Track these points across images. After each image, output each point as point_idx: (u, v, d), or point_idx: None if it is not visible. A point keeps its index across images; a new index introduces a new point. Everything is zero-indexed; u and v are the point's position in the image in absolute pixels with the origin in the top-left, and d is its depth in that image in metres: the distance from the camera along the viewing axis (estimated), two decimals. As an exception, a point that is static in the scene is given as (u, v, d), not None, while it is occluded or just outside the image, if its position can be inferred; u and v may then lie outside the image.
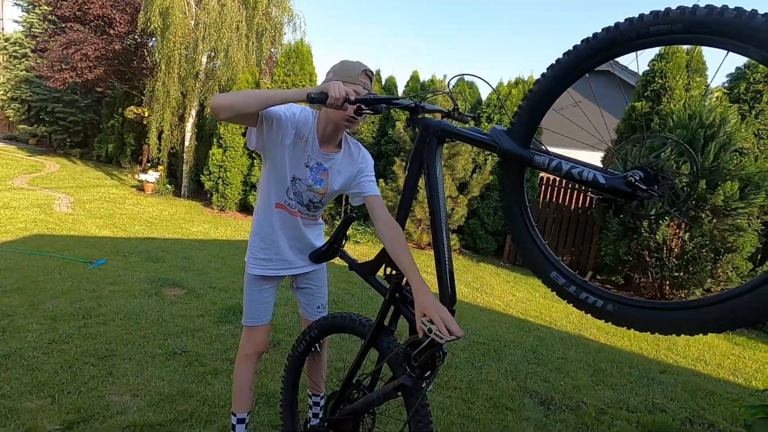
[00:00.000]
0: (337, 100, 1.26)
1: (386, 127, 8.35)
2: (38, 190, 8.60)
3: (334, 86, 1.27)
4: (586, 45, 0.94)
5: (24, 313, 2.98)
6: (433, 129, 1.31)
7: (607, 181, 0.97)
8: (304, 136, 1.48)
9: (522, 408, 2.53)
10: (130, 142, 12.91)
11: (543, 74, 1.02)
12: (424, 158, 1.33)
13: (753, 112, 5.92)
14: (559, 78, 1.00)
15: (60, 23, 11.90)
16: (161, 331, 2.93)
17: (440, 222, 1.25)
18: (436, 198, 1.28)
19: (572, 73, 0.98)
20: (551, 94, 1.03)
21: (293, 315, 3.54)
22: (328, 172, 1.54)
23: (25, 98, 14.77)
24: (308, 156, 1.50)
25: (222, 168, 8.82)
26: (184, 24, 9.14)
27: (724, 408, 2.86)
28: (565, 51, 0.98)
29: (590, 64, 0.95)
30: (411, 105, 1.35)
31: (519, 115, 1.10)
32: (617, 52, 0.91)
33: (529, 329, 4.10)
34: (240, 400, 1.72)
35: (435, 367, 1.20)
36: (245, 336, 1.71)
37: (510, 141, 1.11)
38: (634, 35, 0.86)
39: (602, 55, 0.93)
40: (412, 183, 1.39)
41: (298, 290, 1.79)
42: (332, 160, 1.54)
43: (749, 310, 0.79)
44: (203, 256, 5.33)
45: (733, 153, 5.27)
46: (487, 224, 7.57)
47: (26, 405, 1.99)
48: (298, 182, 1.53)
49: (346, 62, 1.51)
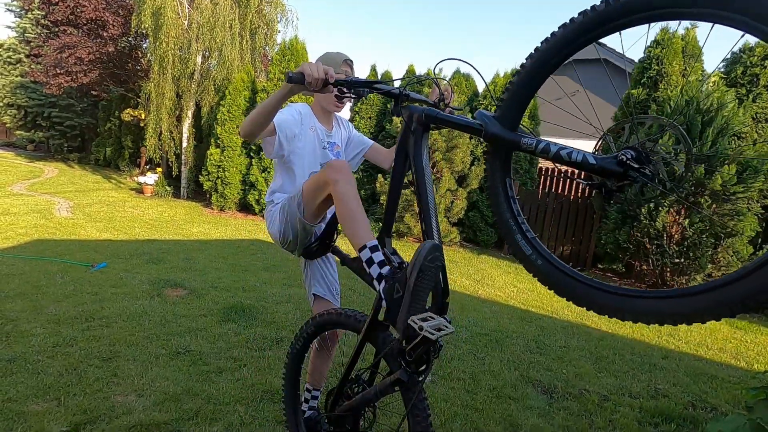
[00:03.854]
0: (315, 80, 1.25)
1: (383, 122, 8.34)
2: (38, 196, 8.60)
3: (312, 66, 1.25)
4: (576, 23, 0.92)
5: (27, 317, 3.00)
6: (417, 116, 1.28)
7: (597, 162, 0.95)
8: (313, 127, 1.71)
9: (525, 397, 2.55)
10: (128, 144, 12.89)
11: (530, 55, 1.00)
12: (409, 148, 1.30)
13: (750, 96, 5.90)
14: (547, 58, 0.98)
15: (53, 27, 11.85)
16: (164, 332, 2.95)
17: (429, 214, 1.24)
18: (423, 190, 1.26)
19: (560, 53, 0.96)
20: (538, 75, 1.01)
21: (296, 312, 3.56)
22: (337, 144, 1.83)
23: (21, 104, 14.72)
24: (321, 140, 1.73)
25: (220, 168, 8.82)
26: (177, 24, 9.10)
27: (726, 391, 2.88)
28: (552, 31, 0.96)
29: (580, 42, 0.93)
30: (395, 92, 1.31)
31: (505, 99, 1.09)
32: (609, 29, 0.89)
33: (531, 319, 4.12)
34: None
35: (429, 361, 1.20)
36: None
37: (496, 124, 1.10)
38: (628, 11, 0.85)
39: (592, 33, 0.91)
40: (399, 174, 1.38)
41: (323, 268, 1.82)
42: (335, 134, 1.82)
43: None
44: (204, 256, 5.34)
45: (731, 137, 5.25)
46: (487, 216, 7.57)
47: (32, 408, 2.01)
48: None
49: (328, 53, 1.70)
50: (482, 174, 7.32)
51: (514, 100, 1.07)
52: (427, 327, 1.09)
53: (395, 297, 1.17)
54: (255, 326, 3.19)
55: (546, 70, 1.00)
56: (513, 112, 1.08)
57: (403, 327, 1.14)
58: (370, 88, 1.31)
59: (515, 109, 1.08)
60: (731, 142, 5.27)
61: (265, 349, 2.85)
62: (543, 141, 1.03)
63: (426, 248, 1.13)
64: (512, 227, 1.12)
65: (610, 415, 2.45)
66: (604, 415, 2.44)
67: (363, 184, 8.50)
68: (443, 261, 1.18)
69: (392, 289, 1.18)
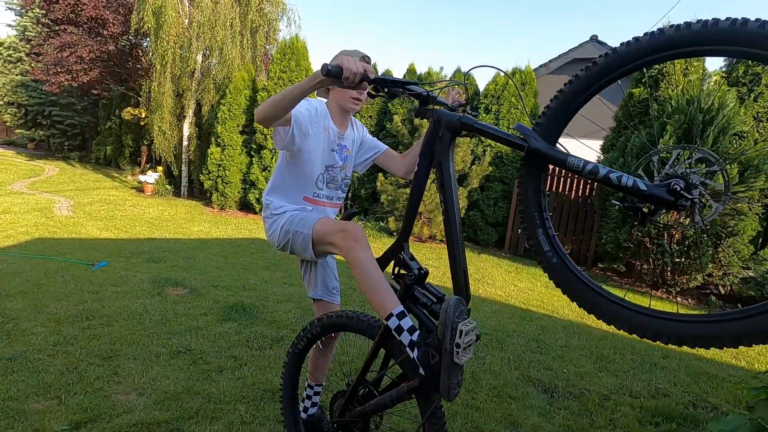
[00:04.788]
0: (354, 75, 1.19)
1: (384, 121, 8.33)
2: (38, 194, 8.60)
3: (351, 61, 1.20)
4: (627, 48, 0.93)
5: (28, 316, 3.00)
6: (449, 123, 1.23)
7: (648, 189, 0.93)
8: (326, 127, 1.64)
9: (526, 396, 2.55)
10: (128, 143, 12.89)
11: (577, 75, 1.00)
12: (436, 153, 1.25)
13: (752, 95, 5.89)
14: (594, 79, 0.98)
15: (53, 26, 11.84)
16: (165, 331, 2.95)
17: (454, 221, 1.22)
18: (450, 196, 1.22)
19: (610, 75, 0.96)
20: (584, 94, 1.00)
21: (296, 311, 3.56)
22: (347, 148, 1.75)
23: (22, 102, 14.74)
24: (332, 141, 1.66)
25: (221, 167, 8.82)
26: (177, 23, 9.09)
27: (727, 391, 2.88)
28: (604, 53, 0.97)
29: (630, 68, 0.94)
30: (423, 94, 1.29)
31: (548, 114, 1.06)
32: (659, 58, 0.90)
33: (532, 318, 4.12)
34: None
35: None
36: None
37: (540, 140, 1.06)
38: (678, 44, 0.86)
39: (642, 60, 0.92)
40: (422, 180, 1.33)
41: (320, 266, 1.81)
42: (347, 137, 1.74)
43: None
44: (205, 255, 5.34)
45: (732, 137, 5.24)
46: (487, 215, 7.57)
47: (33, 406, 2.01)
48: (331, 169, 1.69)
49: (345, 51, 1.64)
50: (482, 173, 7.31)
51: (560, 113, 1.04)
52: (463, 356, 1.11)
53: (432, 363, 1.17)
54: (255, 325, 3.19)
55: (598, 87, 0.99)
56: (555, 126, 1.06)
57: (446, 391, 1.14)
58: (403, 89, 1.27)
59: (558, 123, 1.05)
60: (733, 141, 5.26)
61: (266, 348, 2.85)
62: (591, 163, 1.01)
63: (452, 306, 1.13)
64: (536, 220, 1.11)
65: (611, 415, 2.45)
66: (605, 415, 2.44)
67: (363, 183, 8.50)
68: (467, 309, 1.20)
69: (427, 356, 1.18)
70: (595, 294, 1.01)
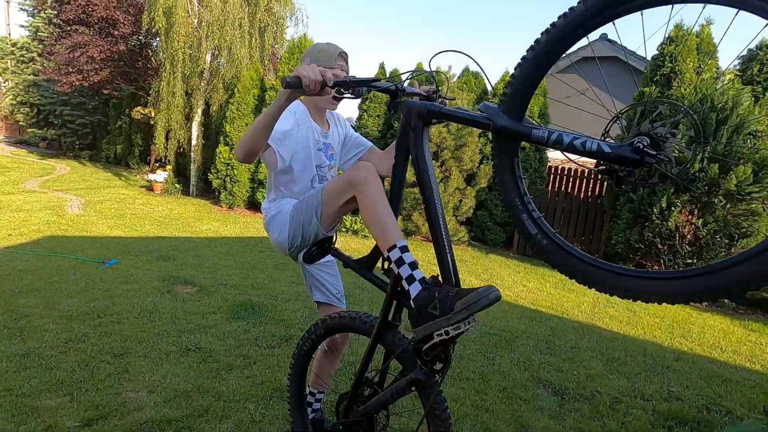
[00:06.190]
0: (313, 83, 1.16)
1: (392, 120, 8.31)
2: (50, 193, 8.71)
3: (308, 69, 1.17)
4: (584, 5, 0.90)
5: (40, 313, 3.03)
6: (417, 111, 1.24)
7: (612, 150, 0.93)
8: (310, 126, 1.62)
9: (535, 398, 2.52)
10: (138, 142, 12.99)
11: (536, 40, 0.98)
12: (410, 145, 1.26)
13: (767, 94, 5.78)
14: (555, 42, 0.96)
15: (65, 26, 11.98)
16: (175, 329, 2.96)
17: (435, 210, 1.21)
18: (428, 186, 1.22)
19: (568, 37, 0.94)
20: (545, 60, 0.99)
21: (305, 310, 3.56)
22: (332, 146, 1.72)
23: (34, 102, 14.91)
24: (316, 141, 1.63)
25: (229, 166, 8.86)
26: (187, 23, 9.15)
27: (742, 395, 2.82)
28: (561, 14, 0.94)
29: (589, 26, 0.91)
30: (391, 87, 1.28)
31: (511, 87, 1.05)
32: (619, 12, 0.88)
33: (541, 319, 4.08)
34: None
35: (448, 360, 1.17)
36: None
37: (505, 117, 1.06)
38: None
39: (604, 14, 0.89)
40: (400, 173, 1.33)
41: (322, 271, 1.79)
42: (330, 134, 1.71)
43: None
44: (214, 253, 5.37)
45: (747, 136, 5.16)
46: (495, 215, 7.52)
47: (45, 403, 2.03)
48: (321, 168, 1.66)
49: (320, 45, 1.58)
50: (491, 173, 7.27)
51: (519, 89, 1.04)
52: (451, 331, 1.03)
53: (429, 311, 1.08)
54: (264, 324, 3.20)
55: (559, 50, 0.97)
56: (519, 101, 1.05)
57: (424, 336, 1.09)
58: (368, 87, 1.26)
59: (521, 99, 1.05)
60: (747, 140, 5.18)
61: (275, 346, 2.85)
62: (555, 131, 1.01)
63: (491, 299, 1.04)
64: (518, 206, 1.11)
65: (623, 418, 2.42)
66: (617, 418, 2.41)
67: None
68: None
69: (429, 302, 1.09)
70: (591, 267, 0.99)
